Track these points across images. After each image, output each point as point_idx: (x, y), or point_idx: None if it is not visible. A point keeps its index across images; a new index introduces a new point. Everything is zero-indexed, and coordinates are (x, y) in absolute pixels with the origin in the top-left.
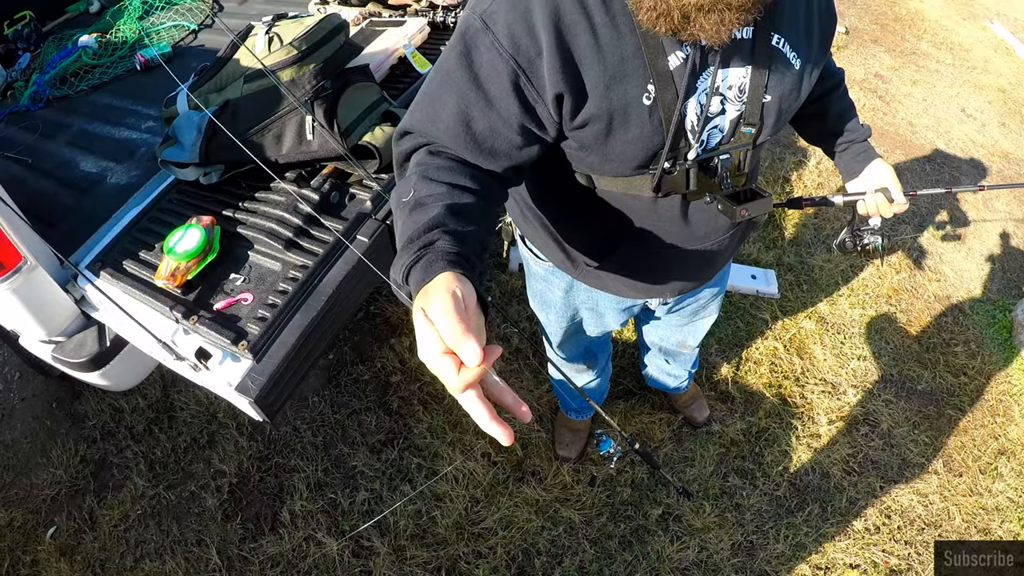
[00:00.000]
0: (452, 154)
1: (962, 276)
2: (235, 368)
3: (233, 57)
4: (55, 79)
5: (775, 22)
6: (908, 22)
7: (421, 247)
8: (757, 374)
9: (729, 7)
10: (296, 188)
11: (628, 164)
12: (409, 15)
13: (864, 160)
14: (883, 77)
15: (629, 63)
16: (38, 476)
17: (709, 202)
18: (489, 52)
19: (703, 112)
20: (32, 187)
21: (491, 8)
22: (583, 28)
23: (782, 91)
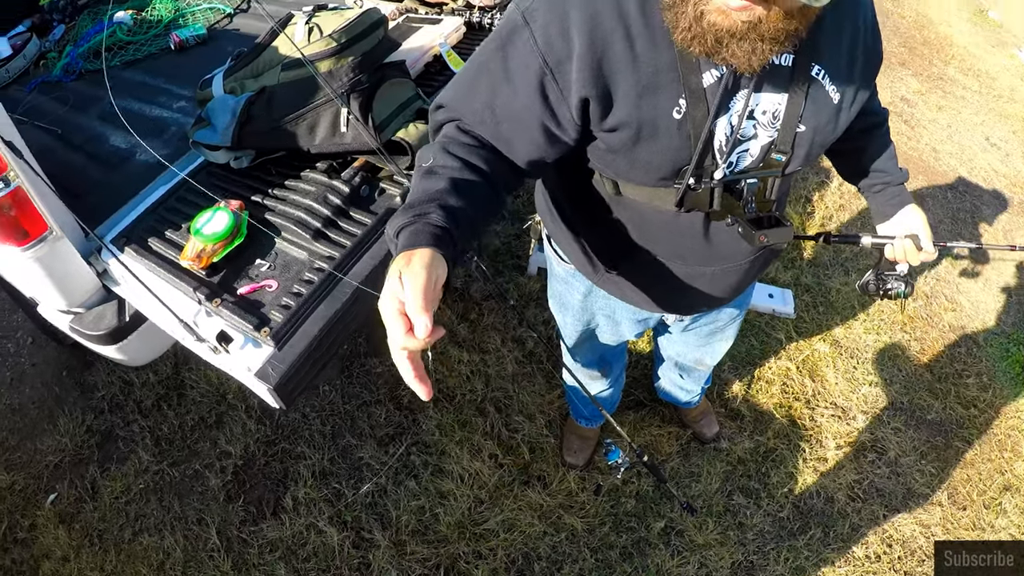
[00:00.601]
0: (477, 134)
1: (978, 307)
2: (256, 354)
3: (271, 44)
4: (89, 52)
5: (817, 52)
6: (936, 47)
7: (416, 214)
8: (768, 393)
9: (762, 38)
10: (327, 179)
11: (653, 174)
12: (446, 13)
13: (898, 204)
14: (909, 101)
15: (663, 76)
16: (43, 442)
17: (730, 224)
18: (524, 47)
19: (733, 133)
20: (61, 158)
21: (534, 6)
22: (619, 37)
23: (818, 123)
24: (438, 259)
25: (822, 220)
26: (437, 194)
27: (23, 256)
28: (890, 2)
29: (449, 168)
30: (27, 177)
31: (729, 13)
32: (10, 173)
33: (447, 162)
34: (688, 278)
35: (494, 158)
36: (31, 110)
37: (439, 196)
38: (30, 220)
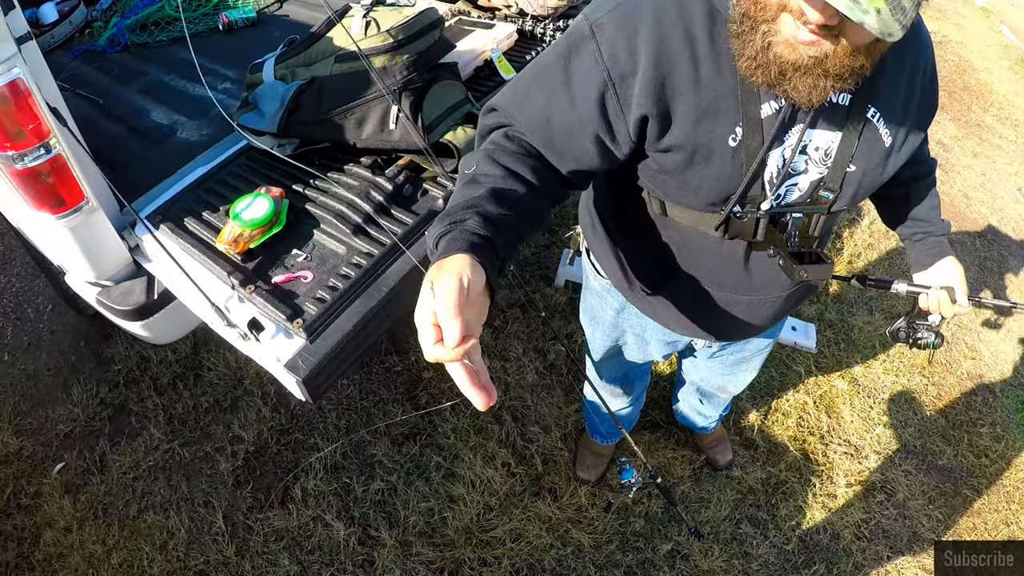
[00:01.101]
0: (526, 141)
1: (997, 357)
2: (287, 344)
3: (327, 35)
4: (136, 25)
5: (875, 94)
6: (976, 93)
7: (453, 222)
8: (784, 426)
9: (826, 74)
10: (371, 175)
11: (703, 199)
12: (499, 19)
13: (937, 255)
14: (945, 145)
15: (723, 102)
16: (55, 410)
17: (771, 255)
18: (588, 58)
19: (784, 166)
20: (101, 129)
21: (603, 19)
22: (685, 59)
23: (868, 164)
24: (473, 265)
25: (850, 257)
26: (476, 201)
27: (57, 224)
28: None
29: (492, 176)
30: (68, 145)
31: (796, 47)
32: (52, 140)
33: (491, 170)
34: (723, 305)
35: (540, 167)
36: (73, 77)
37: (478, 203)
38: (68, 188)
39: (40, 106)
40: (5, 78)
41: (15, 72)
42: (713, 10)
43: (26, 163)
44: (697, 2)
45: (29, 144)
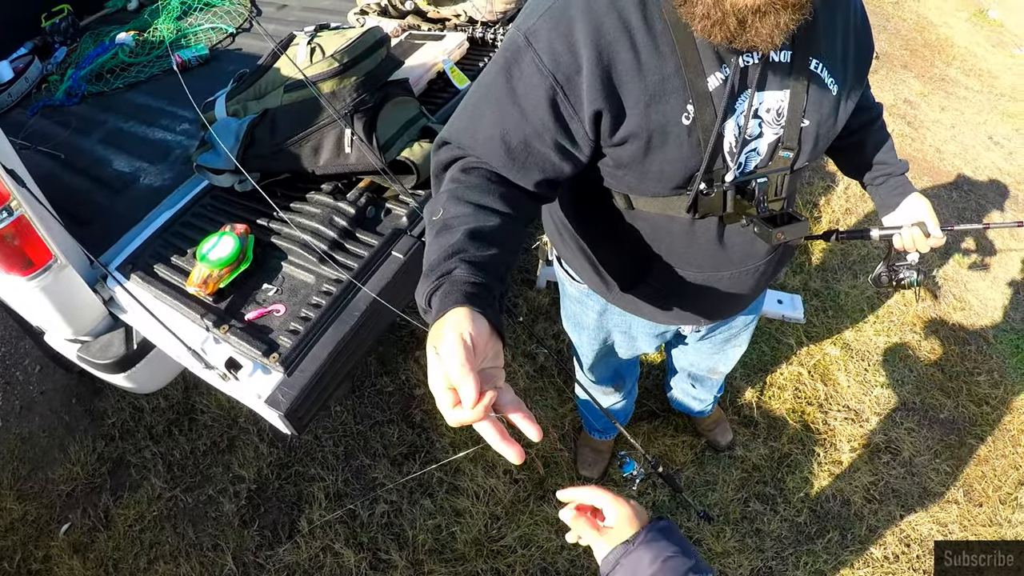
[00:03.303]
0: (486, 170)
1: (987, 305)
2: (265, 380)
3: (274, 66)
4: (91, 75)
5: (814, 46)
6: (938, 48)
7: (440, 275)
8: (781, 399)
9: (785, 6)
10: (332, 201)
11: (666, 184)
12: (448, 29)
13: (901, 194)
14: (912, 103)
15: (669, 82)
16: (54, 471)
17: (745, 225)
18: (529, 68)
19: (741, 134)
20: (64, 183)
21: (535, 26)
22: (624, 47)
23: (820, 116)
24: (472, 316)
25: (829, 224)
26: (456, 247)
27: (28, 286)
28: (890, 5)
29: (463, 217)
30: (30, 206)
31: None
32: (12, 202)
33: (460, 210)
34: (706, 285)
35: (506, 191)
36: (34, 134)
37: (459, 249)
38: (34, 249)
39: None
40: None
41: None
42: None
43: None
44: None
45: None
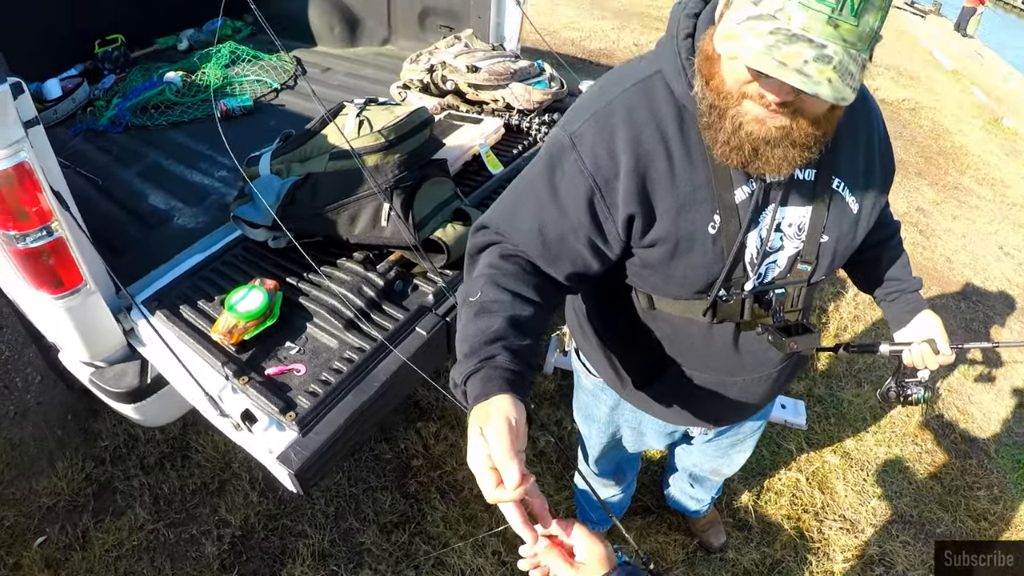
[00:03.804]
0: (522, 258)
1: (990, 418)
2: (279, 437)
3: (321, 132)
4: (136, 107)
5: (836, 166)
6: (952, 156)
7: (483, 359)
8: (777, 504)
9: (793, 144)
10: (363, 270)
11: (688, 287)
12: (486, 113)
13: (913, 311)
14: (924, 211)
15: (700, 192)
16: (39, 482)
17: (760, 333)
18: (572, 168)
19: (762, 246)
20: (100, 209)
21: (581, 129)
22: (661, 156)
23: (839, 232)
24: (515, 403)
25: (837, 331)
26: (498, 334)
27: (55, 304)
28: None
29: (502, 303)
30: (69, 228)
31: (764, 120)
32: (54, 223)
33: (499, 296)
34: (718, 389)
35: (540, 282)
36: (74, 155)
37: (501, 336)
38: (67, 270)
39: (44, 189)
40: (12, 160)
41: (22, 156)
42: (680, 107)
43: (28, 243)
44: (664, 102)
45: (32, 225)
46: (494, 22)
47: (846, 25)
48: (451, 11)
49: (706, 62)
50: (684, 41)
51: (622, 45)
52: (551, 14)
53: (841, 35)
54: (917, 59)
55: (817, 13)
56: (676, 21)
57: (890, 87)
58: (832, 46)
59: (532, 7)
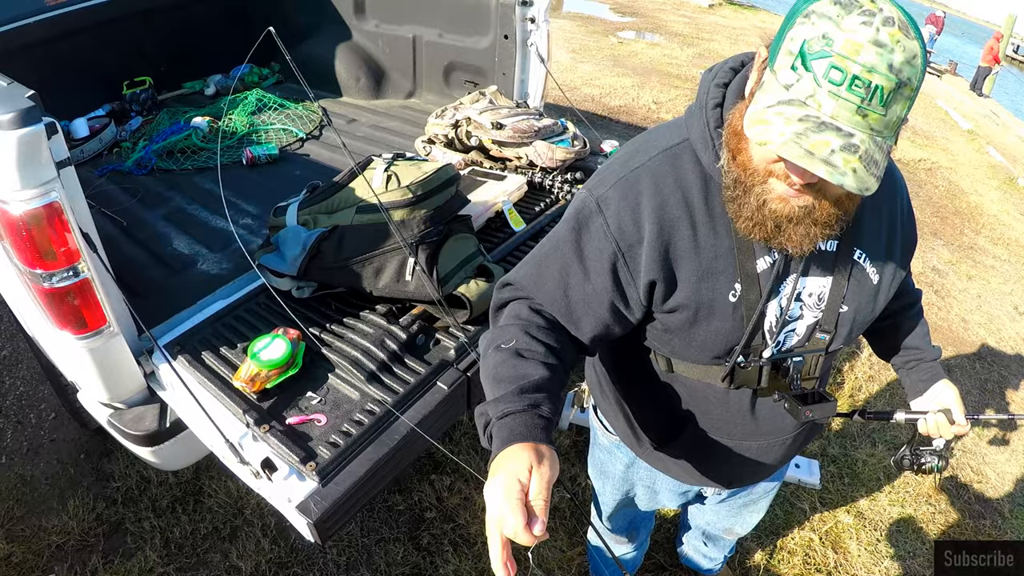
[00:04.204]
0: (547, 314)
1: (1004, 478)
2: (299, 486)
3: (349, 185)
4: (163, 150)
5: (858, 237)
6: (968, 216)
7: (529, 404)
8: (790, 564)
9: (816, 222)
10: (386, 323)
11: (707, 353)
12: (509, 170)
13: (930, 380)
14: (940, 271)
15: (721, 261)
16: (49, 520)
17: (777, 400)
18: (597, 232)
19: (782, 315)
20: (123, 251)
21: (607, 194)
22: (685, 224)
23: (859, 303)
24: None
25: (851, 391)
26: (544, 383)
27: (76, 344)
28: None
29: (538, 353)
30: (95, 270)
31: (788, 200)
32: (81, 264)
33: (533, 346)
34: (734, 452)
35: (565, 339)
36: (99, 195)
37: (546, 386)
38: (91, 312)
39: (73, 229)
40: (44, 200)
41: (53, 195)
42: (706, 176)
43: (54, 283)
44: (691, 170)
45: (59, 265)
46: (518, 79)
47: (875, 115)
48: (476, 67)
49: (734, 137)
50: (713, 111)
51: (641, 102)
52: (572, 71)
53: (869, 124)
54: (933, 119)
55: (847, 103)
56: (706, 90)
57: (906, 147)
58: (859, 135)
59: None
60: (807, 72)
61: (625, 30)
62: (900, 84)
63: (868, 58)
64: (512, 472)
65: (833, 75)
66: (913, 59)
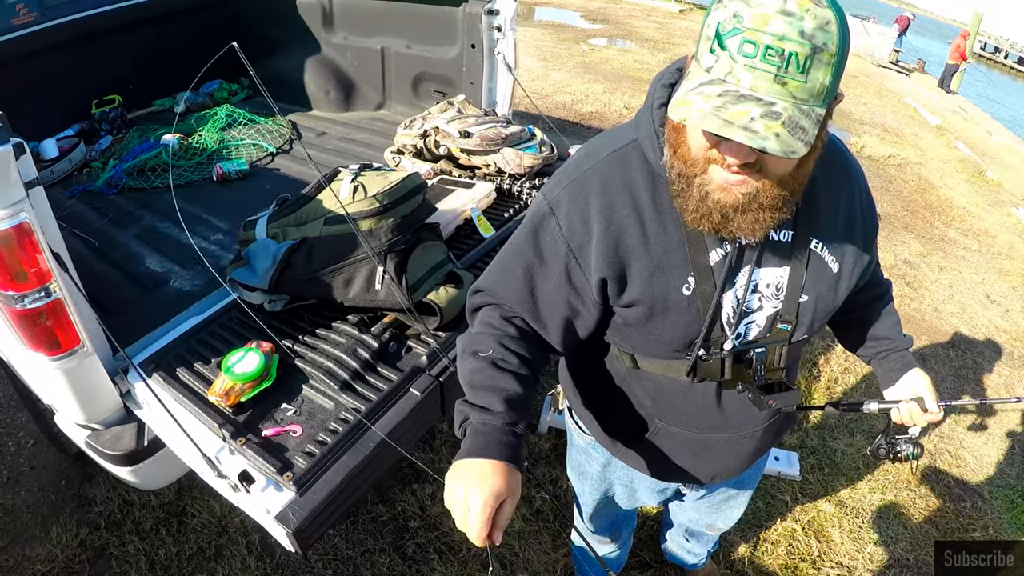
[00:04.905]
0: (519, 319)
1: (982, 461)
2: (277, 497)
3: (317, 197)
4: (133, 169)
5: (814, 226)
6: (938, 209)
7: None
8: (774, 555)
9: (762, 207)
10: (357, 332)
11: (668, 347)
12: (478, 178)
13: (902, 369)
14: (911, 263)
15: (673, 256)
16: (33, 549)
17: (740, 391)
18: (551, 232)
19: (739, 306)
20: (96, 271)
21: (559, 196)
22: (632, 223)
23: (819, 292)
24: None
25: (827, 383)
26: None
27: (51, 366)
28: (893, 168)
29: (512, 364)
30: (67, 289)
31: (730, 188)
32: (52, 284)
33: (508, 358)
34: (705, 447)
35: (535, 348)
36: (70, 216)
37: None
38: (64, 332)
39: (43, 250)
40: (13, 220)
41: (22, 216)
42: (654, 174)
43: (26, 304)
44: (639, 169)
45: (30, 286)
46: (486, 87)
47: (794, 82)
48: (445, 77)
49: (673, 132)
50: (658, 111)
51: (613, 108)
52: (543, 79)
53: (791, 92)
54: (902, 116)
55: (763, 72)
56: (653, 91)
57: (876, 144)
58: (781, 103)
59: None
60: (723, 51)
61: (596, 37)
62: (816, 49)
63: (777, 27)
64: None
65: (747, 48)
66: (826, 25)
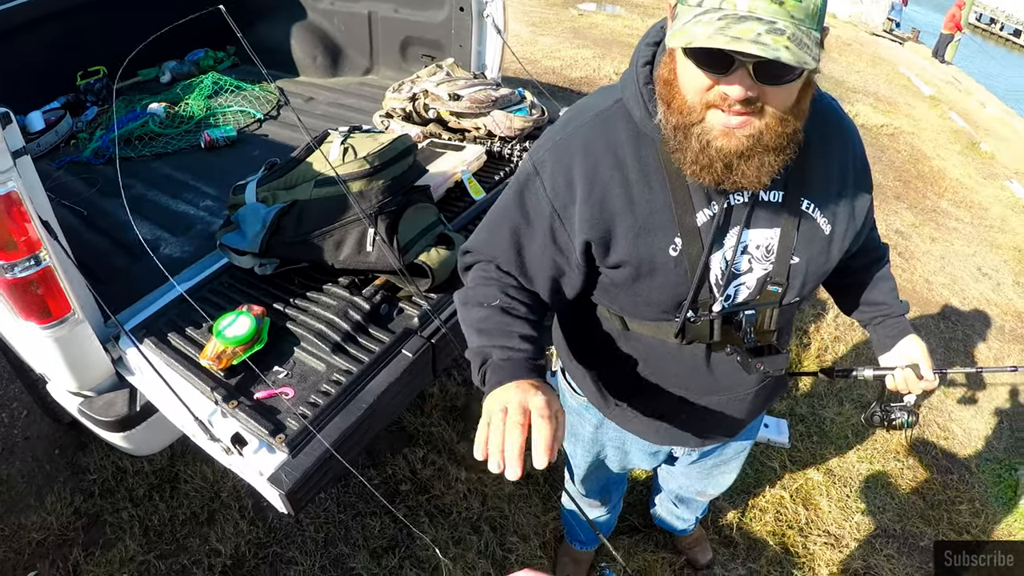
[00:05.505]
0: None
1: (970, 434)
2: (269, 459)
3: (306, 160)
4: (120, 139)
5: (806, 187)
6: (930, 180)
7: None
8: (762, 521)
9: (767, 149)
10: (348, 295)
11: (655, 308)
12: (468, 141)
13: (897, 335)
14: (903, 233)
15: (658, 216)
16: (27, 518)
17: (729, 354)
18: (536, 193)
19: (727, 267)
20: (85, 240)
21: (544, 157)
22: (617, 183)
23: (810, 254)
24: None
25: (818, 351)
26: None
27: (42, 334)
28: (886, 137)
29: (520, 311)
30: (57, 258)
31: (732, 132)
32: (42, 252)
33: (515, 305)
34: (694, 409)
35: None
36: (59, 187)
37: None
38: (55, 300)
39: (32, 219)
40: (1, 190)
41: (10, 185)
42: (639, 133)
43: (16, 273)
44: (623, 130)
45: (20, 255)
46: (475, 51)
47: (790, 2)
48: (433, 41)
49: (666, 87)
50: (643, 68)
51: (602, 73)
52: (533, 44)
53: (788, 11)
54: (896, 85)
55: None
56: (638, 50)
57: (869, 113)
58: (781, 22)
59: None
60: None
61: (585, 2)
62: None
63: None
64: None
65: None
66: None
